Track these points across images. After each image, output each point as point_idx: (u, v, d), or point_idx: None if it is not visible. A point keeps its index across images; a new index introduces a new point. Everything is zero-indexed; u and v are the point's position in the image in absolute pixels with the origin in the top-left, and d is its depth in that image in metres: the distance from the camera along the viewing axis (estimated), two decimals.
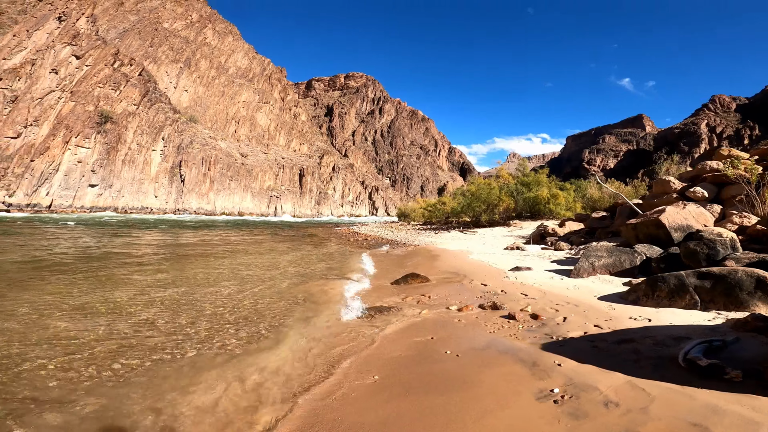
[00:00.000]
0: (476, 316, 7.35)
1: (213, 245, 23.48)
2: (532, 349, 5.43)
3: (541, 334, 6.11)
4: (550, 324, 6.59)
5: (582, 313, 7.04)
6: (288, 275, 12.83)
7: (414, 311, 8.06)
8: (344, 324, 7.54)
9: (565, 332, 6.10)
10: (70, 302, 8.44)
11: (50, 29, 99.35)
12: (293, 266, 14.62)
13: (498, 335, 6.25)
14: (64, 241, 24.45)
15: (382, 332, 6.87)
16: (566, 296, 8.22)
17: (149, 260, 16.46)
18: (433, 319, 7.41)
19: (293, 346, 6.37)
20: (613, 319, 6.69)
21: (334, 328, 7.22)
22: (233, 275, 12.61)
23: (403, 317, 7.70)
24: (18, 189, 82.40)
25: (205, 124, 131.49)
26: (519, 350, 5.42)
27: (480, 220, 35.07)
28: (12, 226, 38.48)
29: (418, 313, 7.90)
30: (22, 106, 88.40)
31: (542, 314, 7.11)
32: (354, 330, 7.16)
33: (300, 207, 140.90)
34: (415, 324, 7.18)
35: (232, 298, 9.34)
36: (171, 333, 6.94)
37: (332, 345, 6.32)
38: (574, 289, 8.76)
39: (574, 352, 5.19)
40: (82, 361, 5.32)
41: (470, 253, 16.71)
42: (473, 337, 6.22)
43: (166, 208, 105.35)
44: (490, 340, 6.01)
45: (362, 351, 6.09)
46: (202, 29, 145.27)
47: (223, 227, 54.25)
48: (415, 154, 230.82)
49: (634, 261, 9.56)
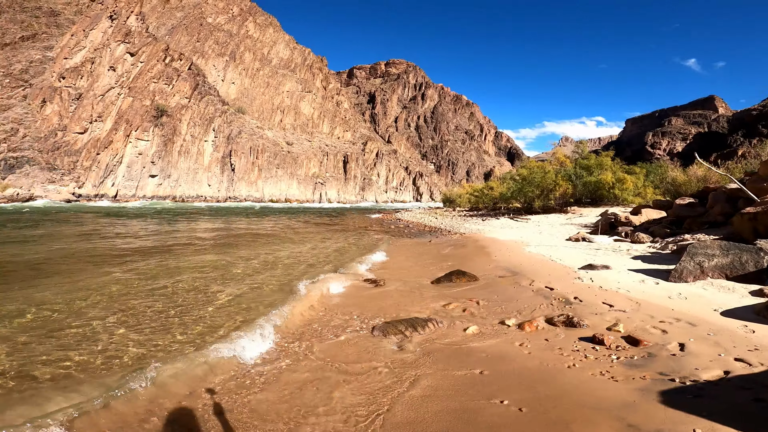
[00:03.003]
0: (545, 337, 5.50)
1: (265, 230, 23.91)
2: (645, 403, 3.54)
3: (653, 373, 4.21)
4: (662, 355, 4.66)
5: (707, 338, 5.00)
6: (301, 269, 11.69)
7: (458, 327, 6.34)
8: (352, 346, 5.90)
9: (691, 370, 4.17)
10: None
11: (104, 28, 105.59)
12: (315, 257, 13.84)
13: (581, 372, 4.38)
14: (173, 225, 25.80)
15: (407, 361, 5.17)
16: (672, 309, 6.11)
17: (240, 239, 20.33)
18: (483, 341, 5.64)
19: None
20: (761, 349, 4.60)
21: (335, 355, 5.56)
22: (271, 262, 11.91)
23: (443, 336, 5.98)
24: (86, 181, 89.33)
25: (252, 114, 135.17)
26: (622, 405, 3.55)
27: (533, 206, 32.20)
28: (91, 216, 41.42)
29: (463, 330, 6.15)
30: (86, 103, 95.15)
31: (643, 337, 5.15)
32: (366, 356, 5.47)
33: (344, 193, 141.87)
34: (459, 348, 5.46)
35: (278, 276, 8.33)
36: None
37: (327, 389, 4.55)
38: (680, 298, 6.58)
39: (726, 415, 3.25)
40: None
41: (526, 245, 14.54)
42: (544, 374, 4.40)
43: (219, 196, 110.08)
44: (571, 382, 4.17)
45: (378, 395, 4.39)
46: (243, 22, 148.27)
47: (272, 214, 55.57)
48: (459, 139, 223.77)
49: (761, 262, 7.18)
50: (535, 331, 5.85)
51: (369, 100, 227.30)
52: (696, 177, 18.87)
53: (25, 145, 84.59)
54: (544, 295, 7.66)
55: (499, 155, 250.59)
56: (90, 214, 43.58)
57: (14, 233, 22.31)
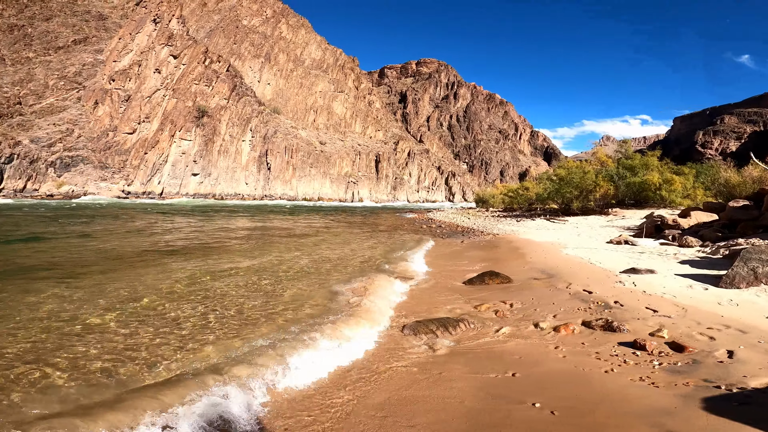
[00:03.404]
0: (581, 341, 5.39)
1: (301, 229, 24.88)
2: (687, 410, 3.44)
3: (696, 380, 4.08)
4: (708, 362, 4.48)
5: (757, 345, 4.79)
6: (338, 270, 12.02)
7: (490, 328, 6.30)
8: (385, 344, 5.99)
9: (739, 378, 4.01)
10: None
11: (149, 31, 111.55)
12: (348, 257, 14.20)
13: (619, 377, 4.27)
14: (227, 220, 27.68)
15: (439, 361, 5.19)
16: (721, 316, 5.84)
17: (291, 235, 20.82)
18: (515, 343, 5.58)
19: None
20: None
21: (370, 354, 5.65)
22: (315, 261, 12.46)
23: (474, 337, 5.96)
24: (135, 179, 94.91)
25: (286, 114, 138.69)
26: (662, 412, 3.46)
27: (571, 208, 31.18)
28: (148, 213, 44.41)
29: (495, 332, 6.11)
30: (135, 105, 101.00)
31: (689, 343, 4.97)
32: (396, 353, 5.54)
33: (376, 192, 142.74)
34: (491, 350, 5.43)
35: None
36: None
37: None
38: (731, 305, 6.27)
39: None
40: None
41: (563, 247, 14.14)
42: (579, 378, 4.33)
43: (255, 194, 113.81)
44: (607, 387, 4.08)
45: (402, 391, 4.47)
46: (276, 24, 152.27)
47: (307, 212, 57.07)
48: (493, 138, 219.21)
49: None
50: (571, 334, 5.75)
51: (400, 99, 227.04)
52: (751, 178, 17.61)
53: (79, 145, 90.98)
54: (582, 298, 7.48)
55: (535, 155, 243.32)
56: (148, 212, 46.54)
57: (95, 228, 24.26)
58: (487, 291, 9.07)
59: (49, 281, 9.15)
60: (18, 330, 6.05)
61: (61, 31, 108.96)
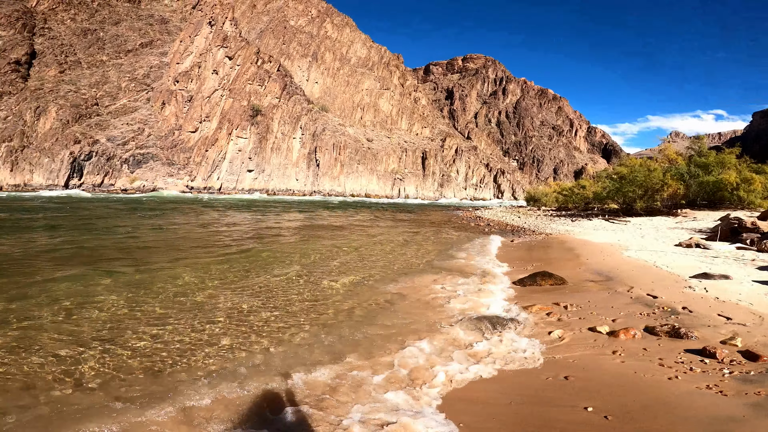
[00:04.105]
0: (643, 346, 5.18)
1: (353, 224, 25.99)
2: (755, 419, 3.27)
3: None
4: None
5: None
6: (390, 267, 12.40)
7: (541, 330, 6.17)
8: (438, 340, 6.05)
9: None
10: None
11: (205, 34, 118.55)
12: (395, 253, 14.52)
13: (684, 384, 4.09)
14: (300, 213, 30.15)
15: (488, 359, 5.19)
16: None
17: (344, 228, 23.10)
18: (569, 345, 5.44)
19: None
20: None
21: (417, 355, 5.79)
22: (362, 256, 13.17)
23: (525, 338, 5.87)
24: (197, 175, 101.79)
25: (334, 112, 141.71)
26: (728, 419, 3.31)
27: (633, 208, 29.30)
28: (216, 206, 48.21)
29: (547, 334, 6.00)
30: (196, 105, 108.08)
31: (765, 352, 4.64)
32: (445, 348, 5.60)
33: (423, 189, 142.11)
34: (542, 352, 5.35)
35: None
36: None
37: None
38: None
39: None
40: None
41: (625, 249, 13.39)
42: (638, 384, 4.17)
43: (305, 189, 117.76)
44: (669, 394, 3.92)
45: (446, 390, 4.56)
46: (322, 24, 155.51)
47: (357, 208, 58.56)
48: (546, 134, 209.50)
49: None
50: (632, 339, 5.55)
51: (447, 96, 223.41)
52: None
53: (149, 143, 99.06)
54: (645, 303, 7.15)
55: (593, 152, 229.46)
56: (217, 205, 50.27)
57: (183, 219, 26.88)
58: (539, 292, 8.89)
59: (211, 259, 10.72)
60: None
61: (129, 35, 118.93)
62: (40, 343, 5.48)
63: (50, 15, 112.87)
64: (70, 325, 6.17)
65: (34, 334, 5.75)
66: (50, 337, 5.66)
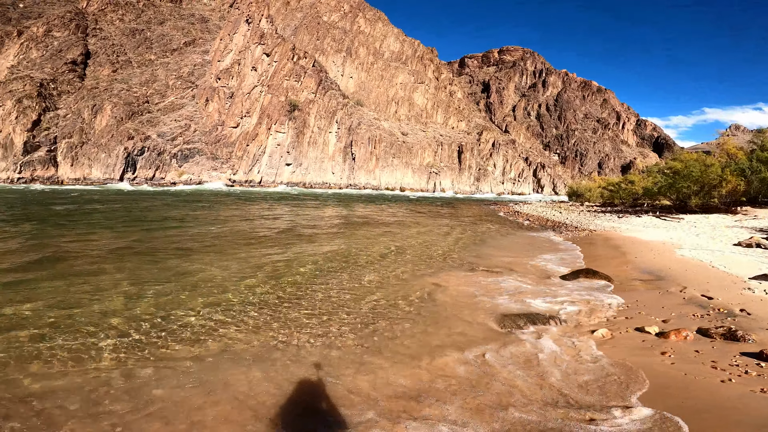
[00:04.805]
0: (695, 348, 4.87)
1: (389, 218, 26.62)
2: None
3: None
4: None
5: None
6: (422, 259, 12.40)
7: (584, 328, 5.88)
8: (465, 340, 5.94)
9: None
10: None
11: (243, 31, 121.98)
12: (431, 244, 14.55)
13: (737, 387, 3.80)
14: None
15: (521, 359, 5.00)
16: None
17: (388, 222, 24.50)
18: (613, 345, 5.15)
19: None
20: None
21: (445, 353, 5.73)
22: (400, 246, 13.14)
23: (565, 335, 5.60)
24: (239, 169, 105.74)
25: (369, 106, 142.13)
26: None
27: (687, 204, 27.48)
28: (260, 198, 50.44)
29: (590, 332, 5.73)
30: (237, 101, 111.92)
31: None
32: (479, 343, 5.45)
33: (459, 183, 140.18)
34: (584, 351, 5.11)
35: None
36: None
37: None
38: None
39: None
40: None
41: (678, 247, 12.56)
42: (687, 385, 3.92)
43: (341, 183, 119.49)
44: (721, 396, 3.64)
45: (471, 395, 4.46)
46: (354, 18, 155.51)
47: (393, 201, 58.94)
48: (590, 128, 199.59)
49: None
50: (683, 341, 5.22)
51: (483, 89, 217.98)
52: None
53: (195, 138, 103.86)
54: (699, 304, 6.70)
55: (642, 146, 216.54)
56: (264, 198, 52.63)
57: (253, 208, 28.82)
58: (583, 289, 8.53)
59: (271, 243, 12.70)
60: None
61: (174, 34, 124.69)
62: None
63: (100, 16, 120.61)
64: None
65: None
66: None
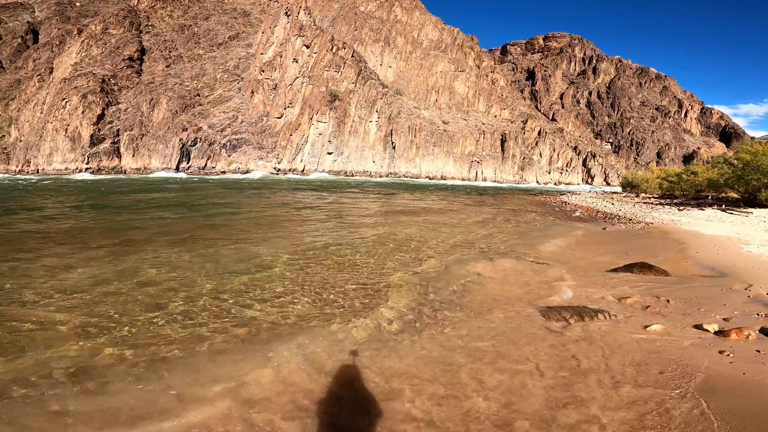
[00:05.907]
0: (757, 348, 4.57)
1: (438, 206, 26.82)
2: None
3: None
4: None
5: None
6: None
7: (636, 323, 5.69)
8: (511, 333, 5.89)
9: None
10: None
11: (283, 24, 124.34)
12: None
13: None
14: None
15: (567, 359, 4.93)
16: None
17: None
18: (667, 341, 4.98)
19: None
20: None
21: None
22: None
23: (615, 330, 5.45)
24: (283, 158, 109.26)
25: (408, 95, 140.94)
26: None
27: (757, 198, 25.23)
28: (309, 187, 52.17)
29: (643, 328, 5.53)
30: (281, 92, 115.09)
31: None
32: (522, 339, 5.40)
33: (501, 172, 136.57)
34: (636, 346, 4.98)
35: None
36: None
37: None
38: None
39: None
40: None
41: (745, 243, 11.65)
42: (746, 386, 3.71)
43: (381, 171, 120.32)
44: None
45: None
46: (391, 8, 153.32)
47: (435, 190, 58.78)
48: (647, 116, 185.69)
49: None
50: (745, 340, 4.93)
51: (528, 76, 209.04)
52: None
53: (242, 129, 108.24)
54: (766, 303, 6.30)
55: (707, 135, 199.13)
56: (308, 187, 54.25)
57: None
58: (636, 283, 8.21)
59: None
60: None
61: (219, 29, 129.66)
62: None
63: (151, 13, 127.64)
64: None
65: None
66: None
